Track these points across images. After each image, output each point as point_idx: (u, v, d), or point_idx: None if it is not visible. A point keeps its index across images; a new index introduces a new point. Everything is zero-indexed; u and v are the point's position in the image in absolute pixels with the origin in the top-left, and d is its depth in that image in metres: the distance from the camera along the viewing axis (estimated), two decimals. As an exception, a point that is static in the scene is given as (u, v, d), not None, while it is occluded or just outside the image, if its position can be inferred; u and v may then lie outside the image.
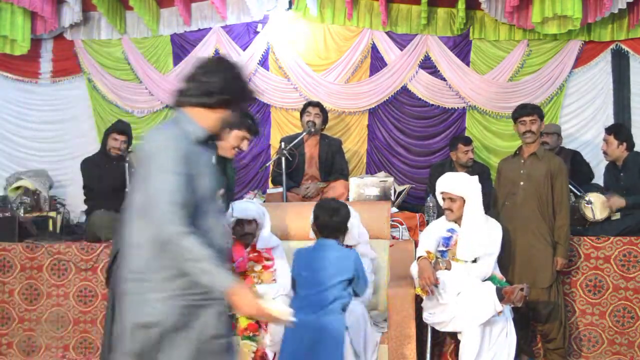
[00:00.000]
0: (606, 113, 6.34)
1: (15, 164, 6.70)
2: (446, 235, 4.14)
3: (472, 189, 4.08)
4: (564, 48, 6.32)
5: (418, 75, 6.47)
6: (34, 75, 6.84)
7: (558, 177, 4.35)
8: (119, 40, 6.72)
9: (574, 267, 4.69)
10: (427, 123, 6.56)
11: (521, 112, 4.46)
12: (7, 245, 4.97)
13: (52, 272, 4.93)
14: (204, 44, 6.62)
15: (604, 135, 5.21)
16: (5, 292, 4.92)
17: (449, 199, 4.11)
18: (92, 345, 4.88)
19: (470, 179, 4.17)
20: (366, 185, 5.12)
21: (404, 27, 6.46)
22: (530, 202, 4.35)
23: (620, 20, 6.13)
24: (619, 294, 4.65)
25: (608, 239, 4.69)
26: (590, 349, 4.68)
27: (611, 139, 5.10)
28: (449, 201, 4.11)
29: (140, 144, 2.30)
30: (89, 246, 4.94)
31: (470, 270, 3.99)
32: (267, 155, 6.61)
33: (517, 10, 5.90)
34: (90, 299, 4.90)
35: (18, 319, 4.93)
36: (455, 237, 4.11)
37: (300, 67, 6.54)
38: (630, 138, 5.13)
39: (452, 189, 4.09)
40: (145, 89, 6.70)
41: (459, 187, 4.09)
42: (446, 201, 4.13)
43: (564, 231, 4.33)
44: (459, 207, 4.07)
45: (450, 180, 4.17)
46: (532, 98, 6.24)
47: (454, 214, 4.10)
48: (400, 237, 4.82)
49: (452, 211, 4.10)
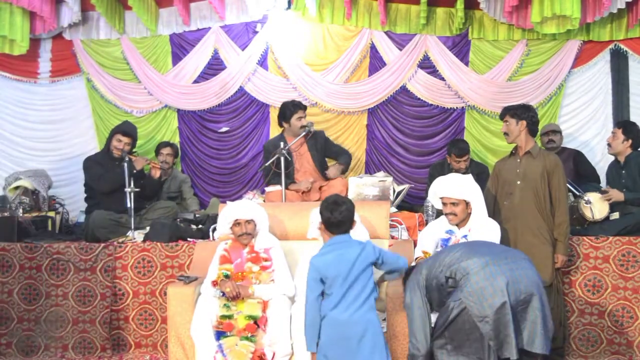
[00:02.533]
0: (605, 113, 6.35)
1: (14, 164, 6.69)
2: (445, 237, 4.12)
3: (472, 191, 4.05)
4: (563, 48, 6.33)
5: (417, 75, 6.47)
6: (33, 75, 6.83)
7: (554, 174, 4.34)
8: (118, 40, 6.72)
9: (573, 267, 4.69)
10: (426, 123, 6.56)
11: (500, 115, 4.61)
12: (6, 245, 4.96)
13: (51, 272, 4.92)
14: (202, 43, 6.62)
15: (613, 128, 5.24)
16: (4, 292, 4.91)
17: (450, 203, 4.04)
18: (91, 345, 4.88)
19: (467, 180, 4.11)
20: (365, 185, 5.12)
21: (403, 27, 6.46)
22: (528, 201, 4.35)
23: (619, 20, 6.14)
24: (617, 294, 4.66)
25: (607, 239, 4.69)
26: (589, 349, 4.68)
27: (619, 133, 5.12)
28: (451, 206, 4.04)
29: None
30: (87, 246, 4.94)
31: None
32: (267, 155, 6.60)
33: (516, 10, 5.90)
34: (89, 299, 4.90)
35: (17, 319, 4.92)
36: (454, 239, 4.09)
37: (299, 66, 6.54)
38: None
39: (452, 193, 4.03)
40: (144, 89, 6.70)
41: (460, 191, 4.03)
42: (448, 206, 4.06)
43: (564, 228, 4.33)
44: (462, 210, 4.02)
45: (448, 184, 4.09)
46: (531, 98, 6.26)
47: (457, 217, 4.04)
48: (399, 236, 4.82)
49: (456, 215, 4.04)
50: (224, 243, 4.26)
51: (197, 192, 6.60)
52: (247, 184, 6.57)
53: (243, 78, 6.57)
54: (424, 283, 3.42)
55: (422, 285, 3.42)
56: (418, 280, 3.44)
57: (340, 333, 3.32)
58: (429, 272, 3.42)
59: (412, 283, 3.46)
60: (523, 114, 4.43)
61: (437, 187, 4.12)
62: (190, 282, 4.23)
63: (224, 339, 3.83)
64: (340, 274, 3.36)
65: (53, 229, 5.49)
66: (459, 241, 4.07)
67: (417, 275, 3.47)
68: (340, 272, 3.36)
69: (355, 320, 3.32)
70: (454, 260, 3.34)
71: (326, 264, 3.39)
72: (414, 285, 3.45)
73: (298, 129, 5.52)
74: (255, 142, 6.66)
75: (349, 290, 3.35)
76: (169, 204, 5.74)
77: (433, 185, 4.18)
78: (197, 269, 4.47)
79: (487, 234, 4.01)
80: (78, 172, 6.00)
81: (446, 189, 4.06)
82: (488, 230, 4.05)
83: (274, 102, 6.57)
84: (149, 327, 4.92)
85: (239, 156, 6.67)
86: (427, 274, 3.43)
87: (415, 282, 3.45)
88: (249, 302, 3.93)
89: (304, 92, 6.51)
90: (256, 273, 4.01)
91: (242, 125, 6.68)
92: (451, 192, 4.03)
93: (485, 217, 4.08)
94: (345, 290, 3.35)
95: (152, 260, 4.94)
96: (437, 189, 4.12)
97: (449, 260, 3.36)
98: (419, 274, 3.46)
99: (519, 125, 4.43)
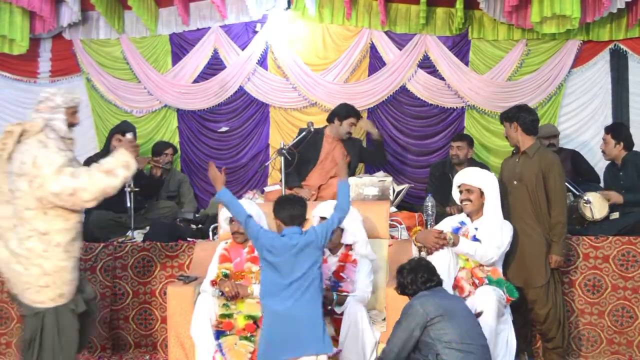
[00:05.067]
0: (605, 113, 6.35)
1: (13, 164, 6.68)
2: (456, 226, 4.22)
3: (489, 181, 4.19)
4: (563, 48, 6.33)
5: (417, 74, 6.47)
6: (33, 74, 6.83)
7: (550, 173, 4.32)
8: (118, 39, 6.72)
9: (573, 267, 4.69)
10: (425, 123, 6.56)
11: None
12: (6, 245, 4.96)
13: (50, 271, 4.92)
14: (202, 43, 6.62)
15: (603, 134, 5.23)
16: (4, 291, 4.91)
17: (466, 190, 4.19)
18: (91, 345, 4.87)
19: (485, 171, 4.38)
20: (365, 184, 5.12)
21: (402, 27, 6.46)
22: (523, 201, 4.35)
23: (618, 20, 6.13)
24: (617, 294, 4.66)
25: (607, 239, 4.69)
26: (589, 349, 4.69)
27: (609, 138, 5.12)
28: (466, 192, 4.19)
29: None
30: (87, 246, 4.93)
31: (476, 250, 4.01)
32: (266, 154, 6.60)
33: (516, 9, 5.90)
34: (89, 299, 4.90)
35: (17, 319, 4.92)
36: (465, 229, 4.18)
37: (299, 66, 6.54)
38: (628, 138, 5.14)
39: (469, 179, 4.20)
40: (144, 89, 6.70)
41: (476, 178, 4.20)
42: (463, 193, 4.21)
43: (559, 229, 4.30)
44: (477, 198, 4.16)
45: (467, 171, 4.32)
46: (530, 98, 6.26)
47: (472, 205, 4.17)
48: (399, 236, 4.82)
49: (470, 201, 4.17)
50: (224, 242, 4.27)
51: (197, 192, 6.60)
52: (247, 184, 6.57)
53: (243, 78, 6.57)
54: (419, 333, 3.23)
55: (417, 332, 3.23)
56: (419, 323, 3.22)
57: (281, 323, 3.22)
58: (428, 333, 3.23)
59: (415, 316, 3.24)
60: (514, 115, 4.46)
61: (457, 177, 4.32)
62: (190, 282, 4.23)
63: (223, 338, 3.83)
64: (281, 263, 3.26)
65: (53, 229, 5.47)
66: (468, 232, 4.11)
67: (423, 317, 3.23)
68: (280, 261, 3.26)
69: (296, 311, 3.20)
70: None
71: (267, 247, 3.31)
72: (414, 319, 3.24)
73: (344, 134, 5.68)
74: (255, 142, 6.66)
75: (291, 281, 3.23)
76: (168, 203, 5.74)
77: (456, 175, 4.37)
78: (197, 269, 4.47)
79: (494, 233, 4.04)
80: (78, 172, 5.99)
81: (464, 176, 4.26)
82: (495, 228, 4.07)
83: (274, 102, 6.57)
84: (148, 327, 4.92)
85: (238, 156, 6.67)
86: (427, 332, 3.23)
87: (416, 321, 3.24)
88: (249, 302, 3.94)
89: (304, 92, 6.51)
90: (255, 273, 4.00)
91: (241, 125, 6.67)
92: (468, 179, 4.21)
93: (499, 217, 4.14)
94: (288, 280, 3.24)
95: (152, 260, 4.94)
96: (457, 179, 4.31)
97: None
98: (426, 317, 3.22)
99: (513, 128, 4.45)
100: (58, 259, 3.47)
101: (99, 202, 3.56)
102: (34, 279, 3.45)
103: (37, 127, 3.52)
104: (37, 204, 3.43)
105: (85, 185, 3.45)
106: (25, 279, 3.47)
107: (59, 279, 3.48)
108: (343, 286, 4.03)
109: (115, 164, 3.59)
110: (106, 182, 3.52)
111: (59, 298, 3.49)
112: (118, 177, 3.55)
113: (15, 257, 3.47)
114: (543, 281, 4.27)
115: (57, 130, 3.57)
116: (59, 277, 3.48)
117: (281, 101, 6.57)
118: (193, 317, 3.94)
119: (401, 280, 3.45)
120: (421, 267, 3.45)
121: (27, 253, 3.45)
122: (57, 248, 3.47)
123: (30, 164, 3.41)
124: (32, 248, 3.45)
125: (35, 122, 3.54)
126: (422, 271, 3.42)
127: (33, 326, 3.48)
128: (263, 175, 6.59)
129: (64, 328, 3.49)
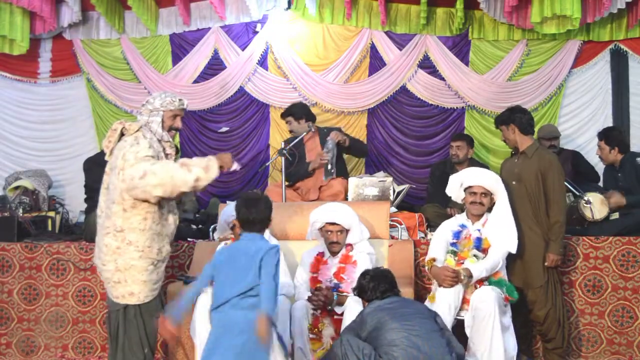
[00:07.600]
0: (605, 113, 6.35)
1: (14, 164, 6.69)
2: (457, 230, 4.21)
3: (501, 184, 4.21)
4: (563, 48, 6.33)
5: (417, 75, 6.47)
6: (33, 75, 6.83)
7: (548, 174, 4.32)
8: (118, 40, 6.72)
9: (573, 267, 4.69)
10: (426, 123, 6.56)
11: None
12: (6, 245, 4.97)
13: (51, 271, 4.92)
14: (202, 43, 6.62)
15: (598, 141, 5.23)
16: (4, 291, 4.91)
17: (481, 193, 4.19)
18: (91, 345, 4.88)
19: (497, 176, 4.32)
20: (365, 185, 5.12)
21: (403, 27, 6.46)
22: (522, 201, 4.35)
23: (619, 20, 6.14)
24: (617, 294, 4.66)
25: (607, 239, 4.69)
26: (589, 349, 4.68)
27: (603, 144, 5.15)
28: (481, 196, 4.19)
29: None
30: (87, 246, 4.93)
31: (486, 268, 4.01)
32: (266, 154, 6.61)
33: (516, 10, 5.90)
34: (89, 299, 4.90)
35: (17, 319, 4.92)
36: (466, 232, 4.18)
37: (299, 66, 6.54)
38: (621, 141, 5.15)
39: (485, 183, 4.20)
40: (144, 89, 6.69)
41: (491, 181, 4.21)
42: (477, 195, 4.20)
43: (557, 228, 4.30)
44: (488, 202, 4.20)
45: (482, 174, 4.29)
46: (530, 98, 6.26)
47: (484, 208, 4.20)
48: (399, 237, 4.82)
49: (483, 205, 4.19)
50: (224, 243, 4.26)
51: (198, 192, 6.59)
52: (247, 184, 6.57)
53: (243, 78, 6.57)
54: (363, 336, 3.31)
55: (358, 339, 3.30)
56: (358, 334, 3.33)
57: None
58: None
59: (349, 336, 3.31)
60: (509, 118, 4.46)
61: (468, 177, 4.26)
62: (190, 282, 4.22)
63: (224, 338, 3.82)
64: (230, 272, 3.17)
65: (53, 229, 5.49)
66: (470, 235, 4.11)
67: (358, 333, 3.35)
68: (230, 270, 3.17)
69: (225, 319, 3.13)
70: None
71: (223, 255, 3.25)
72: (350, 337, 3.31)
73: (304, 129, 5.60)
74: (255, 142, 6.66)
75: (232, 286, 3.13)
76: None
77: (459, 175, 4.33)
78: (197, 269, 4.46)
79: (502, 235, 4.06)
80: (78, 172, 5.99)
81: (480, 178, 4.23)
82: (506, 233, 4.11)
83: (274, 102, 6.58)
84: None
85: (239, 156, 6.65)
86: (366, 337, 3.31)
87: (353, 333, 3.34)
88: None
89: (304, 92, 6.51)
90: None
91: (242, 125, 6.67)
92: (484, 182, 4.20)
93: (509, 219, 4.16)
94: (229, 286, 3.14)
95: (152, 260, 4.93)
96: (466, 179, 4.26)
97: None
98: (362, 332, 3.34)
99: (511, 130, 4.45)
100: (130, 257, 3.53)
101: (169, 195, 3.51)
102: (110, 274, 3.56)
103: (135, 127, 3.64)
104: (120, 199, 3.51)
105: (155, 169, 3.47)
106: (105, 275, 3.60)
107: (130, 277, 3.54)
108: (343, 287, 4.03)
109: (195, 162, 3.61)
110: (177, 172, 3.51)
111: (129, 296, 3.55)
112: (191, 173, 3.52)
113: (97, 252, 3.62)
114: (541, 281, 4.27)
115: (153, 131, 3.68)
116: (129, 274, 3.53)
117: (281, 101, 6.56)
118: (193, 317, 3.93)
119: (363, 284, 3.53)
120: (385, 277, 3.54)
121: (105, 249, 3.56)
122: (129, 246, 3.53)
123: (120, 158, 3.52)
124: (108, 244, 3.55)
125: (136, 122, 3.69)
126: (384, 282, 3.51)
127: (114, 321, 3.59)
128: (263, 175, 6.59)
129: (147, 325, 3.57)
